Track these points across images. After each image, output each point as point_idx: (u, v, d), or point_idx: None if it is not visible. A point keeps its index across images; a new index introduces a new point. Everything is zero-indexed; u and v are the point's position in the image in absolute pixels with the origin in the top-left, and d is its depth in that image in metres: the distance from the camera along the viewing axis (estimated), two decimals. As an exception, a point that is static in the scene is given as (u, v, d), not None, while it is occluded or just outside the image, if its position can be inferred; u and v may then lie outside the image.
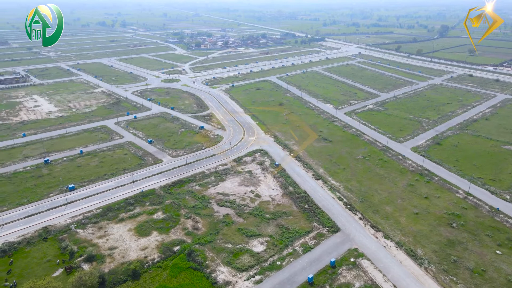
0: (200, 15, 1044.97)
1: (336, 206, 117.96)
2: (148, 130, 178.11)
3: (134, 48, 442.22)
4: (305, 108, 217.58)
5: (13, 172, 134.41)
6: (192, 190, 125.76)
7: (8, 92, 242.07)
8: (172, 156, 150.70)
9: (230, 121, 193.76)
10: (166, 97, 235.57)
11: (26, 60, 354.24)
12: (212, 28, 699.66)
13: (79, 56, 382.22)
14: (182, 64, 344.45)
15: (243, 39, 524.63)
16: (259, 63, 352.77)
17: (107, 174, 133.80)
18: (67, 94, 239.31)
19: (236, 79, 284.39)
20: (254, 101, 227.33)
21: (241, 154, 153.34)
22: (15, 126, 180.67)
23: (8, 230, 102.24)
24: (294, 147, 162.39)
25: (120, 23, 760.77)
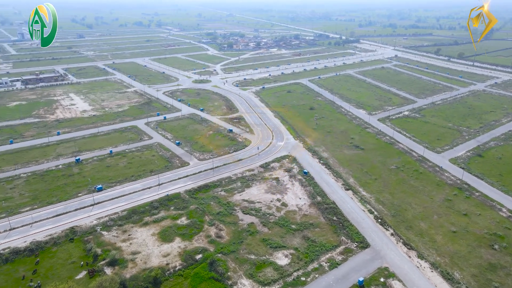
0: (234, 15, 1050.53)
1: (366, 220, 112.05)
2: (176, 131, 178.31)
3: (168, 48, 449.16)
4: (336, 113, 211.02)
5: (46, 170, 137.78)
6: (217, 195, 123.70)
7: (47, 90, 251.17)
8: (199, 159, 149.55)
9: (259, 124, 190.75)
10: (196, 98, 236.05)
11: (65, 59, 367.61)
12: (245, 28, 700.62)
13: (115, 56, 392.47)
14: (214, 64, 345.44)
15: (276, 40, 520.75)
16: (291, 65, 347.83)
17: (134, 176, 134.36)
18: (101, 93, 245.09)
19: (267, 81, 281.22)
20: (285, 104, 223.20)
21: (269, 160, 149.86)
22: (51, 124, 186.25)
23: (37, 229, 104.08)
24: (324, 154, 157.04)
25: (156, 23, 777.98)
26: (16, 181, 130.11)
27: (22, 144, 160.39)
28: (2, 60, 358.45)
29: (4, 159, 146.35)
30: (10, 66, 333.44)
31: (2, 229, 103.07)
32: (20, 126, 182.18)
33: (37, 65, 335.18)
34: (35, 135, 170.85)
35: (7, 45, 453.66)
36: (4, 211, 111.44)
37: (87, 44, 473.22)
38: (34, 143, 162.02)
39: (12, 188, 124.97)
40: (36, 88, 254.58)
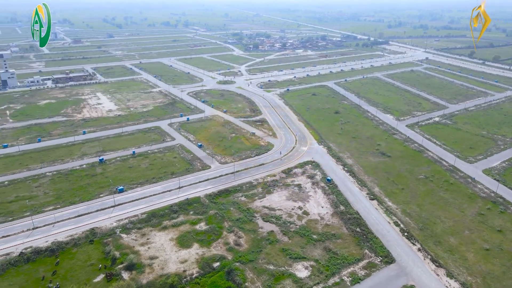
0: (260, 16, 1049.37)
1: (392, 233, 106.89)
2: (199, 133, 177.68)
3: (194, 48, 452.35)
4: (362, 117, 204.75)
5: (70, 169, 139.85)
6: (237, 201, 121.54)
7: (76, 89, 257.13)
8: (221, 162, 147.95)
9: (282, 128, 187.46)
10: (220, 99, 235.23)
11: (95, 58, 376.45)
12: (271, 29, 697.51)
13: (142, 55, 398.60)
14: (239, 65, 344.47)
15: (302, 41, 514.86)
16: (317, 66, 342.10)
17: (155, 178, 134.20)
18: (127, 93, 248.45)
19: (291, 83, 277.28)
20: (309, 108, 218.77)
21: (291, 165, 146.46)
22: (78, 123, 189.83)
23: (59, 229, 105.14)
24: (349, 160, 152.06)
25: (183, 23, 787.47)
26: (41, 179, 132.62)
27: (49, 143, 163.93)
28: (35, 59, 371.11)
29: (32, 157, 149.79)
30: (43, 64, 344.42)
31: (26, 228, 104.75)
32: (49, 124, 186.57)
33: (68, 64, 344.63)
34: (62, 134, 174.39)
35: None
36: (28, 209, 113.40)
37: (116, 44, 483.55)
38: (61, 142, 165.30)
39: (37, 187, 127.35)
40: (66, 87, 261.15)
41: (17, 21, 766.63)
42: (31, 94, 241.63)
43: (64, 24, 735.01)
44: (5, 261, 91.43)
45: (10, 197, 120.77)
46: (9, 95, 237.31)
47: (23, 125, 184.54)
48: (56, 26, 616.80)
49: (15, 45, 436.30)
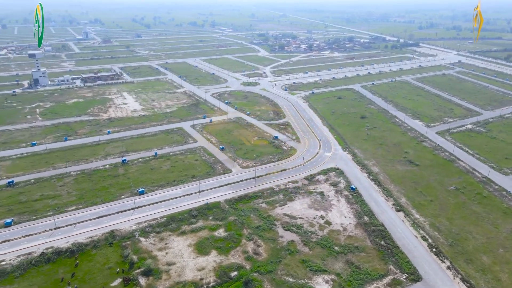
0: (287, 16, 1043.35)
1: (419, 248, 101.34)
2: (221, 135, 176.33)
3: (219, 48, 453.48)
4: (390, 123, 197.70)
5: (94, 169, 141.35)
6: (258, 207, 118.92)
7: (103, 88, 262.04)
8: (242, 166, 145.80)
9: (306, 132, 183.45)
10: (244, 101, 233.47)
11: (122, 58, 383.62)
12: (297, 29, 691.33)
13: (168, 55, 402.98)
14: (264, 66, 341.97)
15: (329, 42, 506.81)
16: (343, 69, 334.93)
17: (176, 180, 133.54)
18: (152, 93, 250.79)
19: (316, 86, 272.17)
20: (334, 112, 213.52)
21: (314, 172, 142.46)
22: (103, 122, 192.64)
23: (80, 229, 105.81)
24: (374, 168, 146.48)
25: (210, 23, 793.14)
26: (66, 178, 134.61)
27: (75, 142, 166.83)
28: (66, 58, 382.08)
29: (58, 156, 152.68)
30: (73, 64, 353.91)
31: (48, 227, 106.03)
32: (75, 123, 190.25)
33: (97, 63, 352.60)
34: (88, 133, 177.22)
35: (72, 44, 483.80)
36: (51, 209, 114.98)
37: (143, 44, 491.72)
38: (86, 141, 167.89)
39: (61, 186, 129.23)
40: (94, 86, 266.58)
41: (51, 21, 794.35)
42: (60, 92, 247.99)
43: (95, 24, 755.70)
44: (27, 261, 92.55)
45: (35, 195, 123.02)
46: (40, 94, 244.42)
47: (51, 124, 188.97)
48: (88, 26, 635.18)
49: (48, 44, 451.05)
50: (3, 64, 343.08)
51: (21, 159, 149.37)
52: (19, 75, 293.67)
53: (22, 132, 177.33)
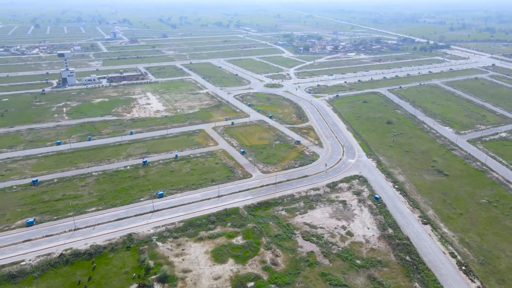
0: (313, 16, 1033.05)
1: (447, 265, 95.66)
2: (242, 138, 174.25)
3: (244, 49, 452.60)
4: (417, 129, 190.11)
5: (115, 170, 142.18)
6: (277, 215, 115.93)
7: (128, 88, 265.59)
8: (263, 171, 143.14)
9: (329, 137, 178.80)
10: (266, 103, 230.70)
11: (148, 58, 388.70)
12: (323, 30, 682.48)
13: (193, 56, 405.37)
14: (288, 68, 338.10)
15: (355, 43, 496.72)
16: (370, 71, 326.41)
17: (195, 184, 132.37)
18: (176, 93, 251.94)
19: (341, 89, 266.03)
20: (359, 116, 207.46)
21: (337, 179, 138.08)
22: (126, 122, 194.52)
23: (99, 231, 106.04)
24: (400, 177, 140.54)
25: (235, 23, 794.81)
26: (88, 178, 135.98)
27: (98, 142, 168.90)
28: (94, 58, 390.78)
29: (81, 156, 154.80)
30: (100, 63, 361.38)
31: (68, 228, 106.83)
32: (100, 123, 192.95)
33: (124, 63, 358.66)
34: (111, 133, 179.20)
35: (101, 43, 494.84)
36: (72, 209, 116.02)
37: (169, 44, 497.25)
38: (109, 141, 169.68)
39: (83, 186, 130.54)
40: (119, 86, 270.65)
41: (82, 20, 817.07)
42: (87, 92, 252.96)
43: (123, 24, 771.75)
44: (46, 262, 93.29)
45: (58, 195, 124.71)
46: (67, 93, 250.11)
47: (76, 123, 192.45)
48: (116, 26, 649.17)
49: (78, 44, 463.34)
50: (35, 63, 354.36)
51: (46, 158, 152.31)
52: (49, 74, 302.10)
53: (48, 131, 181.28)
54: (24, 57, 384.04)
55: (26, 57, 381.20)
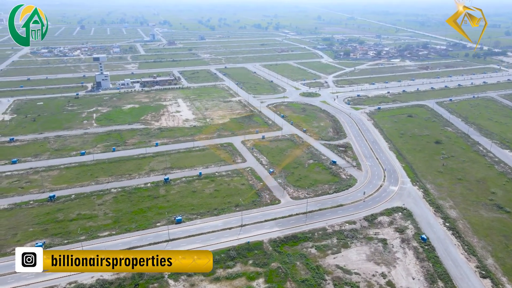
0: (355, 19, 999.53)
1: None
2: (273, 155, 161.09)
3: (281, 53, 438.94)
4: (471, 151, 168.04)
5: (135, 188, 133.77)
6: (306, 253, 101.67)
7: (159, 93, 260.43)
8: (293, 197, 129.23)
9: (369, 157, 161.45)
10: (301, 114, 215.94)
11: (183, 61, 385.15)
12: (365, 33, 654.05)
13: (228, 59, 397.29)
14: (326, 75, 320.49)
15: (400, 48, 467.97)
16: (416, 80, 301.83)
17: (217, 209, 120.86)
18: (207, 100, 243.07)
19: (384, 100, 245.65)
20: (403, 133, 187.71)
21: (376, 211, 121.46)
22: (153, 132, 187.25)
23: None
24: (452, 212, 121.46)
25: (274, 25, 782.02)
26: (106, 196, 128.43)
27: (122, 153, 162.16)
28: (131, 60, 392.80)
29: (103, 168, 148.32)
30: (136, 66, 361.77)
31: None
32: (127, 132, 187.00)
33: (159, 67, 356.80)
34: (136, 144, 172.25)
35: (139, 45, 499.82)
36: (85, 232, 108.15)
37: (205, 47, 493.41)
38: (133, 153, 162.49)
39: (99, 205, 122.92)
40: (151, 91, 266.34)
41: (125, 22, 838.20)
42: (119, 97, 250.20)
43: (163, 26, 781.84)
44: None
45: (73, 214, 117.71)
46: (100, 97, 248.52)
47: (104, 131, 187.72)
48: (156, 27, 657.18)
49: (117, 46, 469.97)
50: (74, 65, 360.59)
51: (68, 170, 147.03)
52: (85, 77, 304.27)
53: (75, 139, 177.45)
54: (65, 58, 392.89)
55: (67, 59, 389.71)
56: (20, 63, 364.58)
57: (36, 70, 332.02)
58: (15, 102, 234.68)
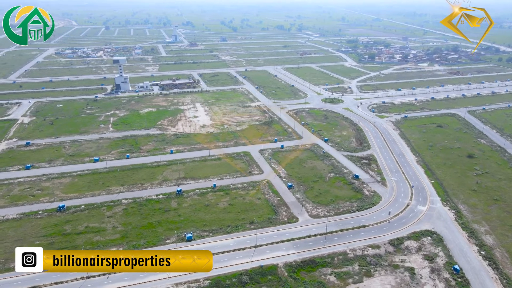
0: (381, 20, 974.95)
1: None
2: (291, 167, 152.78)
3: (303, 56, 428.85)
4: (508, 168, 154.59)
5: (146, 199, 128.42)
6: (324, 281, 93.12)
7: (178, 97, 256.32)
8: (311, 215, 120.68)
9: (395, 171, 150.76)
10: (323, 122, 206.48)
11: (204, 63, 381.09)
12: (391, 35, 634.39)
13: (249, 62, 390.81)
14: (349, 80, 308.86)
15: (428, 52, 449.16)
16: (445, 87, 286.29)
17: (230, 226, 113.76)
18: (225, 105, 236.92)
19: (411, 108, 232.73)
20: (432, 145, 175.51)
21: (403, 234, 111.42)
22: (169, 138, 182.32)
23: (112, 283, 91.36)
24: (488, 238, 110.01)
25: (297, 27, 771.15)
26: (116, 207, 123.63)
27: (136, 160, 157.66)
28: (152, 62, 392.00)
29: (115, 177, 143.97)
30: (157, 68, 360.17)
31: (79, 275, 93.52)
32: (142, 137, 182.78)
33: (179, 69, 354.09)
34: (151, 151, 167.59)
35: (161, 46, 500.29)
36: (91, 248, 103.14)
37: (227, 48, 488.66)
38: (147, 160, 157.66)
39: (109, 217, 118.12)
40: (169, 94, 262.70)
41: (148, 22, 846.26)
42: (137, 100, 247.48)
43: (186, 26, 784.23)
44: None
45: (81, 226, 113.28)
46: (118, 100, 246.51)
47: (119, 136, 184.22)
48: (178, 28, 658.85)
49: (140, 47, 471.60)
50: (96, 66, 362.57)
51: (80, 177, 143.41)
52: (106, 79, 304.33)
53: (90, 144, 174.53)
54: (88, 59, 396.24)
55: (89, 60, 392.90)
56: (44, 64, 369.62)
57: (59, 71, 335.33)
58: (35, 104, 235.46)
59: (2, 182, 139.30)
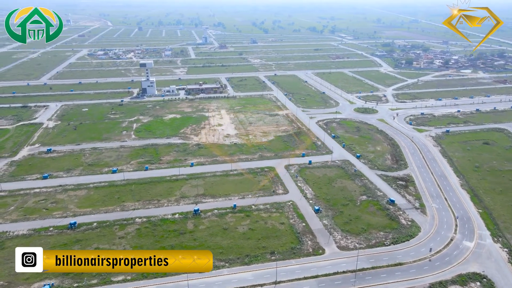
0: (419, 22, 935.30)
1: None
2: (320, 187, 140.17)
3: (335, 60, 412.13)
4: None
5: (161, 219, 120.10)
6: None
7: (203, 102, 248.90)
8: (340, 246, 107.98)
9: (436, 197, 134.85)
10: (355, 135, 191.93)
11: (232, 66, 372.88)
12: (430, 39, 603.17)
13: (279, 66, 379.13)
14: (385, 87, 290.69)
15: (471, 57, 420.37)
16: (492, 97, 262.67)
17: (249, 256, 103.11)
18: (252, 113, 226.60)
19: (453, 121, 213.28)
20: (478, 166, 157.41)
21: (447, 277, 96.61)
22: (191, 148, 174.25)
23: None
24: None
25: (330, 28, 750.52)
26: (129, 227, 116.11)
27: (154, 173, 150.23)
28: (181, 64, 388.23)
29: (131, 191, 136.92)
30: (185, 71, 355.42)
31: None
32: (163, 147, 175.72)
33: (207, 72, 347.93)
34: (171, 162, 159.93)
35: (191, 48, 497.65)
36: (98, 276, 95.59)
37: (257, 51, 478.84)
38: (166, 173, 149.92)
39: (120, 238, 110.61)
40: (195, 99, 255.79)
41: (180, 23, 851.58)
42: (162, 105, 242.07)
43: (217, 28, 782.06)
44: None
45: (91, 247, 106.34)
46: (143, 105, 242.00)
47: (140, 145, 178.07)
48: (209, 29, 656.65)
49: (169, 49, 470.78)
50: (125, 68, 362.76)
51: (96, 190, 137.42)
52: (133, 82, 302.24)
53: (111, 153, 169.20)
54: (118, 61, 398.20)
55: (120, 62, 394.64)
56: (76, 65, 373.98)
57: (89, 73, 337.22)
58: (62, 107, 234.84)
59: (19, 192, 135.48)
